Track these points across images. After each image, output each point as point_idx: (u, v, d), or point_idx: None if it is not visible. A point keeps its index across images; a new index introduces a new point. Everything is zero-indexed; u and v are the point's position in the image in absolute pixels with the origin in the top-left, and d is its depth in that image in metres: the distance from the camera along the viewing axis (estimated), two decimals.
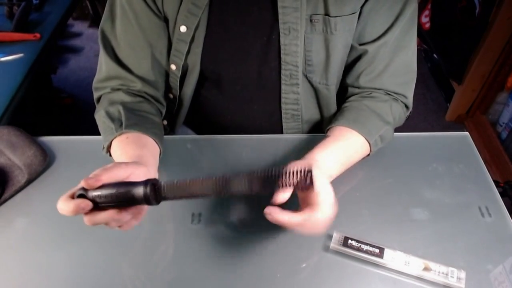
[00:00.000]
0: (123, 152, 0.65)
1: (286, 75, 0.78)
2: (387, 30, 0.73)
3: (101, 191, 0.50)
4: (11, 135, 0.77)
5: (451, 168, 0.77)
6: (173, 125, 0.93)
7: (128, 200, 0.50)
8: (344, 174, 0.74)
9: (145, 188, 0.50)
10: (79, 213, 0.49)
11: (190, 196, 0.51)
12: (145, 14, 0.73)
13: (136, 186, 0.50)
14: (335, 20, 0.71)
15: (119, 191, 0.50)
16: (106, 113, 0.71)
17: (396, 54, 0.75)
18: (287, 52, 0.75)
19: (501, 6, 1.67)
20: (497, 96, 1.88)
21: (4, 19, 1.36)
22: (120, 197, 0.50)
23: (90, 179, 0.49)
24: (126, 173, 0.54)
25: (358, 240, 0.63)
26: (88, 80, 0.70)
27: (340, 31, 0.72)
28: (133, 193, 0.50)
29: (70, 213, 0.48)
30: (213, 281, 0.61)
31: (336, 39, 0.73)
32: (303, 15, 0.71)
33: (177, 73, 0.80)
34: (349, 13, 0.71)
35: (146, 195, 0.50)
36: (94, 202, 0.50)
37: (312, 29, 0.72)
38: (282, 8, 0.70)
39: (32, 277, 0.62)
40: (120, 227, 0.53)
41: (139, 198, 0.50)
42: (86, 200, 0.49)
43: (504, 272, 0.61)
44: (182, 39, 0.75)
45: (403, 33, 0.74)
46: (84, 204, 0.49)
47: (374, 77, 0.77)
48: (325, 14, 0.71)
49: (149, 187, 0.50)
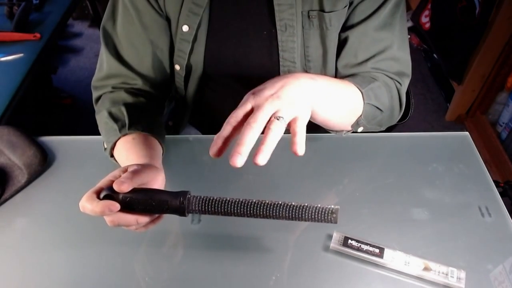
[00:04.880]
0: (132, 152, 0.65)
1: (285, 72, 0.78)
2: (368, 16, 0.72)
3: (134, 195, 0.50)
4: (11, 135, 0.77)
5: (451, 168, 0.77)
6: (179, 125, 0.94)
7: (160, 208, 0.51)
8: (344, 174, 0.74)
9: (181, 200, 0.51)
10: (105, 214, 0.49)
11: (221, 214, 0.52)
12: (147, 12, 0.74)
13: (171, 197, 0.51)
14: (330, 16, 0.71)
15: (154, 198, 0.51)
16: (108, 114, 0.71)
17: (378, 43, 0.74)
18: (285, 49, 0.75)
19: (501, 6, 1.67)
20: (497, 96, 1.88)
21: (4, 19, 1.36)
22: (153, 204, 0.51)
23: (123, 183, 0.50)
24: (149, 178, 0.55)
25: (358, 240, 0.63)
26: (88, 80, 0.70)
27: (334, 26, 0.73)
28: (168, 203, 0.51)
29: (96, 213, 0.49)
30: (212, 281, 0.61)
31: (332, 34, 0.74)
32: (298, 11, 0.71)
33: (181, 73, 0.81)
34: (341, 7, 0.71)
35: (182, 207, 0.51)
36: (122, 204, 0.50)
37: (310, 24, 0.73)
38: (278, 6, 0.71)
39: (32, 277, 0.62)
40: (135, 229, 0.54)
41: (173, 209, 0.51)
42: (115, 203, 0.49)
43: (504, 272, 0.61)
44: (185, 39, 0.75)
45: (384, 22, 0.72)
46: (113, 206, 0.49)
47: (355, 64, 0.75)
48: (320, 10, 0.71)
49: (186, 200, 0.51)
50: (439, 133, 0.85)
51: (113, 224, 0.51)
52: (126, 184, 0.50)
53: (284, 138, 0.90)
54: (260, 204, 0.51)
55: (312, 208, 0.50)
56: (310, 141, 0.85)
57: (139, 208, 0.51)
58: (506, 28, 1.72)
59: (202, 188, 0.74)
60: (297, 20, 0.72)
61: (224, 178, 0.76)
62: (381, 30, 0.73)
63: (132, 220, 0.51)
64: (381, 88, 0.72)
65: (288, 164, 0.78)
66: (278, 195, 0.72)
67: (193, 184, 0.75)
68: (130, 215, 0.51)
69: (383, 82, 0.74)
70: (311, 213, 0.50)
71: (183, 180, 0.75)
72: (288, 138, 0.48)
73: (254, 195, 0.72)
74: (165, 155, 0.72)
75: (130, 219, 0.51)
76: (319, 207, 0.50)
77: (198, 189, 0.73)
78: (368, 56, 0.74)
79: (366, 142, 0.83)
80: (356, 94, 0.68)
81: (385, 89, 0.73)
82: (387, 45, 0.74)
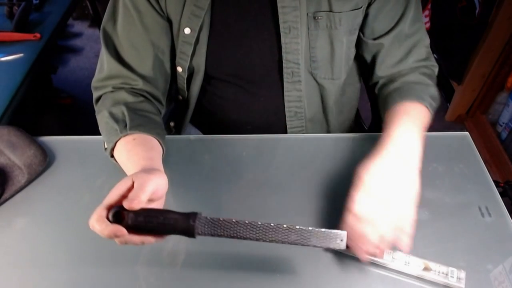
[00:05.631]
0: (133, 153, 0.65)
1: (288, 73, 0.78)
2: (398, 21, 0.75)
3: (142, 218, 0.51)
4: (11, 135, 0.77)
5: (451, 168, 0.77)
6: (180, 125, 0.94)
7: (168, 230, 0.52)
8: (344, 174, 0.74)
9: (191, 223, 0.51)
10: (112, 238, 0.50)
11: (231, 236, 0.52)
12: (149, 13, 0.73)
13: (181, 218, 0.51)
14: (340, 16, 0.72)
15: (163, 220, 0.51)
16: (109, 114, 0.71)
17: (411, 39, 0.77)
18: (288, 51, 0.75)
19: (501, 6, 1.67)
20: (497, 96, 1.88)
21: (4, 19, 1.36)
22: (162, 226, 0.51)
23: (133, 202, 0.50)
24: (157, 185, 0.55)
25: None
26: (88, 80, 0.70)
27: (344, 26, 0.74)
28: (177, 225, 0.51)
29: (104, 236, 0.50)
30: (212, 281, 0.61)
31: (340, 34, 0.75)
32: (303, 14, 0.71)
33: (183, 75, 0.81)
34: (352, 8, 0.72)
35: (191, 230, 0.51)
36: (131, 223, 0.51)
37: (316, 26, 0.73)
38: (282, 8, 0.71)
39: (32, 277, 0.62)
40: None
41: (181, 230, 0.51)
42: (123, 229, 0.50)
43: (504, 272, 0.61)
44: (187, 41, 0.75)
45: (413, 19, 0.76)
46: (120, 232, 0.50)
47: (396, 62, 0.78)
48: (329, 10, 0.71)
49: (196, 222, 0.51)
50: (439, 133, 0.85)
51: (121, 244, 0.52)
52: (136, 201, 0.51)
53: (285, 138, 0.90)
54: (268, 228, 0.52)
55: (321, 233, 0.52)
56: (310, 141, 0.85)
57: (148, 229, 0.51)
58: (506, 28, 1.71)
59: (203, 188, 0.74)
60: (302, 22, 0.72)
61: (224, 178, 0.76)
62: (412, 27, 0.76)
63: (139, 242, 0.52)
64: (430, 87, 0.76)
65: (288, 164, 0.78)
66: (278, 195, 0.72)
67: (194, 184, 0.75)
68: (137, 236, 0.52)
69: (428, 77, 0.78)
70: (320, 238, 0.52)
71: (183, 180, 0.75)
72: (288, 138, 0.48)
73: (254, 196, 0.72)
74: (167, 155, 0.72)
75: (137, 241, 0.52)
76: (328, 232, 0.53)
77: (198, 189, 0.74)
78: (406, 52, 0.78)
79: (366, 142, 0.83)
80: (422, 110, 0.71)
81: (433, 86, 0.77)
82: (419, 38, 0.78)
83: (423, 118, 0.70)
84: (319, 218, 0.68)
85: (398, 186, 0.58)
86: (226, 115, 0.90)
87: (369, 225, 0.56)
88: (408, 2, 0.74)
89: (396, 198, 0.58)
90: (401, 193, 0.58)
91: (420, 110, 0.71)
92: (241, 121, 0.89)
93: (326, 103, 0.86)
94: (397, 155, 0.62)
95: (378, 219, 0.56)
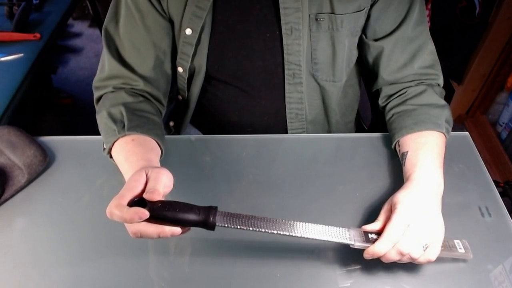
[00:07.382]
0: (131, 154, 0.65)
1: (290, 75, 0.78)
2: (401, 22, 0.74)
3: (164, 209, 0.51)
4: (11, 135, 0.77)
5: (451, 168, 0.77)
6: (180, 126, 0.94)
7: (187, 222, 0.52)
8: (344, 174, 0.74)
9: (210, 216, 0.52)
10: (134, 221, 0.49)
11: (247, 228, 0.54)
12: (151, 14, 0.73)
13: (200, 210, 0.53)
14: (341, 18, 0.72)
15: (183, 212, 0.52)
16: (108, 114, 0.71)
17: (415, 42, 0.76)
18: (290, 52, 0.75)
19: (501, 6, 1.67)
20: (497, 96, 1.88)
21: (4, 19, 1.36)
22: (182, 218, 0.52)
23: (154, 193, 0.51)
24: (169, 180, 0.56)
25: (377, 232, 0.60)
26: (88, 80, 0.70)
27: (346, 28, 0.73)
28: (197, 218, 0.52)
29: (126, 220, 0.49)
30: (212, 280, 0.61)
31: (342, 35, 0.74)
32: (305, 15, 0.71)
33: (184, 76, 0.81)
34: (355, 10, 0.71)
35: (211, 222, 0.52)
36: (152, 213, 0.51)
37: (318, 27, 0.73)
38: (284, 9, 0.71)
39: (32, 277, 0.62)
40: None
41: (201, 223, 0.53)
42: (145, 210, 0.49)
43: (504, 272, 0.61)
44: (188, 42, 0.75)
45: (416, 21, 0.75)
46: (143, 214, 0.49)
47: (401, 67, 0.78)
48: (331, 12, 0.71)
49: (217, 216, 0.53)
50: None
51: (135, 236, 0.52)
52: (157, 193, 0.51)
53: (285, 138, 0.90)
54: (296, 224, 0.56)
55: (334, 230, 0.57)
56: (311, 141, 0.85)
57: (167, 218, 0.52)
58: (506, 28, 1.71)
59: (203, 188, 0.74)
60: (304, 23, 0.72)
61: (225, 178, 0.76)
62: (415, 29, 0.75)
63: (154, 234, 0.52)
64: (445, 109, 0.76)
65: (289, 164, 0.78)
66: (278, 195, 0.72)
67: (194, 184, 0.75)
68: (153, 227, 0.51)
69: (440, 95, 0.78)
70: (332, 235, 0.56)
71: (184, 180, 0.75)
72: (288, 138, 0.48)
73: (255, 196, 0.72)
74: (166, 155, 0.72)
75: (153, 233, 0.52)
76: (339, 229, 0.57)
77: (198, 189, 0.74)
78: (410, 56, 0.77)
79: (366, 142, 0.83)
80: (440, 138, 0.72)
81: (447, 107, 0.77)
82: (423, 41, 0.77)
83: (442, 146, 0.71)
84: (319, 218, 0.68)
85: (429, 223, 0.58)
86: (226, 116, 0.90)
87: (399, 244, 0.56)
88: (412, 4, 0.73)
89: (427, 232, 0.57)
90: (432, 230, 0.58)
91: (438, 139, 0.71)
92: (241, 123, 0.89)
93: (328, 105, 0.86)
94: (426, 194, 0.63)
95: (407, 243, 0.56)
